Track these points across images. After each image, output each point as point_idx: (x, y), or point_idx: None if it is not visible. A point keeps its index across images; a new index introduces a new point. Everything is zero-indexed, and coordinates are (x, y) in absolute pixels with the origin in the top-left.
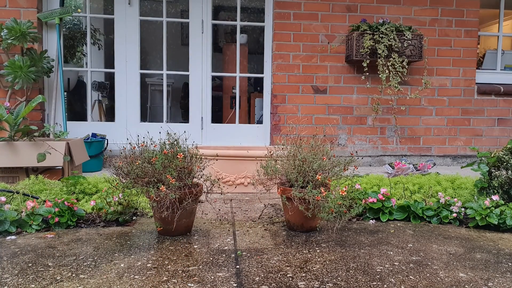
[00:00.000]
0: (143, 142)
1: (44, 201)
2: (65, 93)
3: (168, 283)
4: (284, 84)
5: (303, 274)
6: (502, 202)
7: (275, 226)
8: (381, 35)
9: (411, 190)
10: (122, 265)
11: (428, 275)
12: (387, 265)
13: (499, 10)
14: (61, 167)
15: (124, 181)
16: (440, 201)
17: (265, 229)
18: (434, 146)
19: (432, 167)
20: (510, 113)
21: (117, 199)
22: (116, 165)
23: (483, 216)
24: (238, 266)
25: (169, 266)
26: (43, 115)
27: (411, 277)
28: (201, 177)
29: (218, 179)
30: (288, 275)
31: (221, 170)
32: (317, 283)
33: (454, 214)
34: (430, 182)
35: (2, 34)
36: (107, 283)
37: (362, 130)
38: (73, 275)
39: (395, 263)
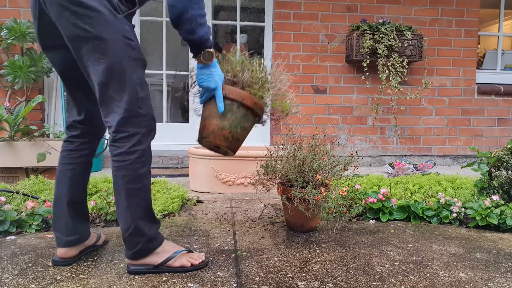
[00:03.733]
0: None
1: (44, 201)
2: (65, 93)
3: (168, 283)
4: None
5: (303, 274)
6: (502, 202)
7: (275, 226)
8: (381, 35)
9: (411, 190)
10: (122, 265)
11: (428, 275)
12: (387, 265)
13: (499, 10)
14: None
15: None
16: (440, 201)
17: (265, 229)
18: (434, 146)
19: (432, 167)
20: (510, 113)
21: None
22: None
23: (483, 216)
24: (238, 266)
25: None
26: (43, 115)
27: (411, 277)
28: None
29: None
30: (288, 275)
31: (221, 170)
32: (317, 283)
33: (454, 214)
34: (430, 182)
35: (2, 34)
36: (107, 283)
37: (362, 130)
38: (73, 275)
39: (395, 263)
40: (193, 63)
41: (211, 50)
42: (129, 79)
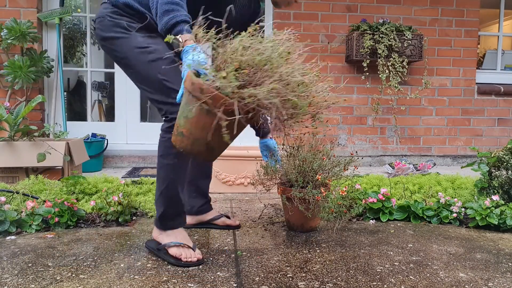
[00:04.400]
0: None
1: (44, 201)
2: (65, 93)
3: (168, 283)
4: None
5: (303, 274)
6: (502, 202)
7: (275, 226)
8: (381, 35)
9: (411, 190)
10: (122, 265)
11: (428, 275)
12: (387, 265)
13: (499, 10)
14: (61, 167)
15: None
16: (440, 201)
17: (265, 229)
18: (434, 146)
19: (432, 167)
20: (510, 113)
21: (117, 199)
22: None
23: (483, 216)
24: (238, 266)
25: (169, 266)
26: (43, 115)
27: (411, 277)
28: None
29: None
30: (288, 275)
31: (221, 170)
32: (317, 283)
33: (454, 214)
34: (430, 182)
35: (2, 34)
36: (107, 283)
37: (362, 130)
38: (73, 275)
39: (395, 263)
40: None
41: (178, 36)
42: (153, 78)
